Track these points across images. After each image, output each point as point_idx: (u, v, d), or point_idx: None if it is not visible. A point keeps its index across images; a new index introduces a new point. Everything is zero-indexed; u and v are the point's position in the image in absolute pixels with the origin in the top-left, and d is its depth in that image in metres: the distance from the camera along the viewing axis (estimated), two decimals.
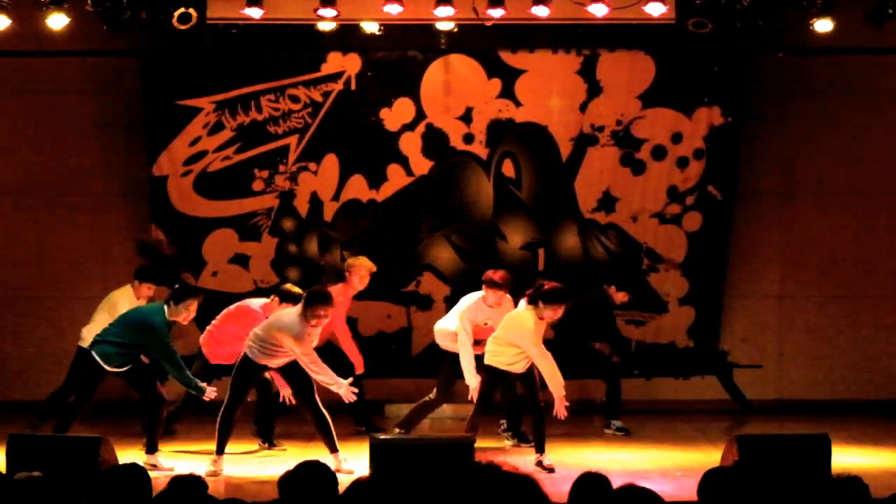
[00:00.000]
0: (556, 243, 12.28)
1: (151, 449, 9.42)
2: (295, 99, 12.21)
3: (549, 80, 12.22)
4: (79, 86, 12.41)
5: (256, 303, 10.25)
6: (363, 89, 12.19)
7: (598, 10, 10.76)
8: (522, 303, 9.58)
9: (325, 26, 11.37)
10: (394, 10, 10.85)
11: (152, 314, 9.45)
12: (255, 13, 10.81)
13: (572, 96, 12.21)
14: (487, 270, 10.39)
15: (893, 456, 9.96)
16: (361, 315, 12.06)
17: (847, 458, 9.31)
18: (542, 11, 10.83)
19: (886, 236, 12.54)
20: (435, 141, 12.24)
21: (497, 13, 10.76)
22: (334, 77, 12.22)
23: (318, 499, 5.03)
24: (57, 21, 10.95)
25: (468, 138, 12.26)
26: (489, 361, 9.59)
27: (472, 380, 9.92)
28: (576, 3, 10.82)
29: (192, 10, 11.01)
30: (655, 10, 10.84)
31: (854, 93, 12.48)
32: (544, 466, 9.35)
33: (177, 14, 11.00)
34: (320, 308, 9.01)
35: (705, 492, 5.24)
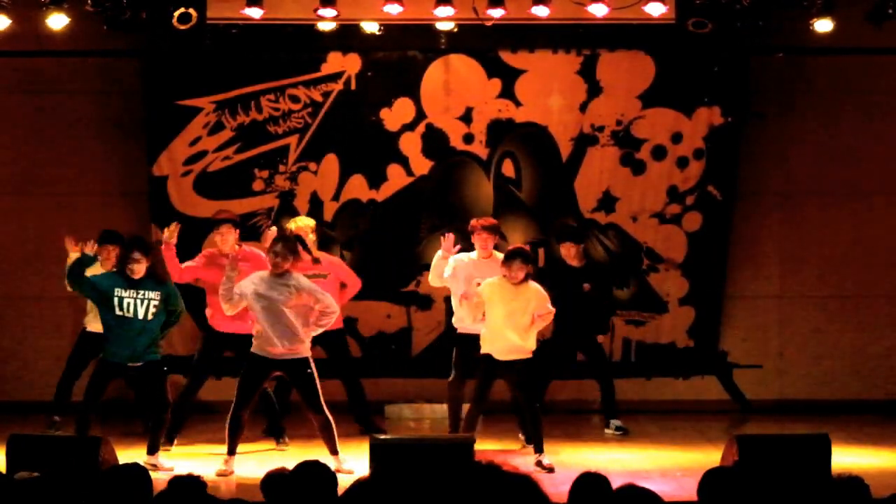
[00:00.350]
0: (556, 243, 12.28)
1: (153, 450, 9.40)
2: (295, 99, 12.22)
3: (549, 80, 12.22)
4: (79, 86, 12.40)
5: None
6: (363, 89, 12.20)
7: (598, 10, 10.77)
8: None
9: (325, 26, 11.38)
10: (394, 10, 10.85)
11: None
12: (255, 13, 10.81)
13: (572, 96, 12.21)
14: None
15: (893, 456, 9.95)
16: (361, 315, 12.07)
17: (847, 458, 9.31)
18: (542, 11, 10.84)
19: (886, 236, 12.54)
20: (435, 141, 12.25)
21: (497, 13, 10.77)
22: (334, 77, 12.22)
23: (318, 499, 5.04)
24: (57, 21, 10.95)
25: (468, 138, 12.26)
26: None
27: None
28: (576, 3, 10.83)
29: (192, 10, 11.01)
30: (655, 10, 10.85)
31: (854, 93, 12.48)
32: (544, 466, 9.33)
33: (177, 14, 11.00)
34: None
35: (705, 492, 5.25)
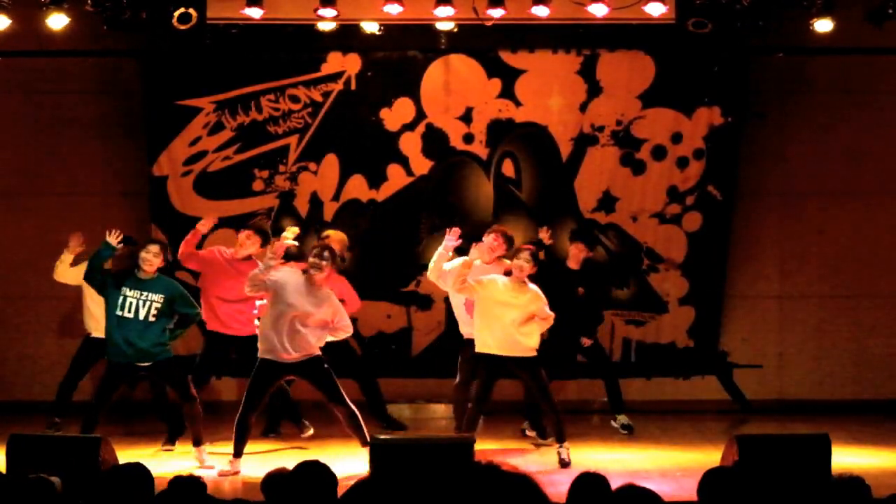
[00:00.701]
0: (556, 243, 12.26)
1: (197, 442, 9.46)
2: (295, 99, 12.22)
3: (549, 80, 12.22)
4: (79, 86, 12.41)
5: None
6: (363, 89, 12.20)
7: (598, 10, 10.76)
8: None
9: (325, 26, 11.37)
10: (394, 10, 10.85)
11: None
12: (255, 13, 10.81)
13: (572, 96, 12.21)
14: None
15: (893, 456, 9.95)
16: (361, 315, 12.05)
17: (847, 458, 9.31)
18: (542, 11, 10.84)
19: (886, 236, 12.54)
20: (435, 141, 12.25)
21: (497, 13, 10.76)
22: (334, 77, 12.22)
23: (318, 499, 5.04)
24: (57, 21, 10.95)
25: (468, 138, 12.27)
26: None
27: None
28: (576, 3, 10.83)
29: (192, 10, 11.01)
30: (655, 10, 10.84)
31: (854, 93, 12.48)
32: (562, 459, 9.44)
33: (177, 14, 11.00)
34: None
35: (705, 492, 5.25)
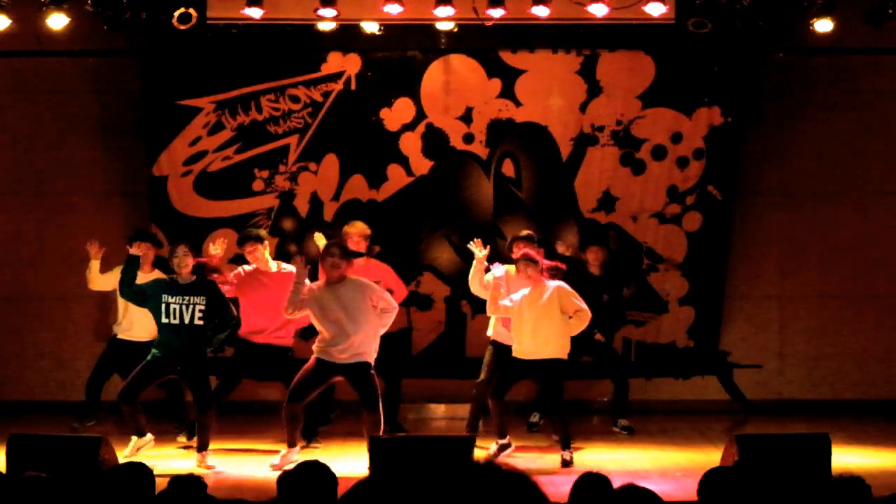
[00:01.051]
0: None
1: (201, 448, 9.47)
2: (295, 99, 12.22)
3: (549, 80, 12.22)
4: (79, 86, 12.41)
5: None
6: (363, 89, 12.20)
7: (598, 10, 10.77)
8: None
9: (325, 26, 11.38)
10: (394, 10, 10.85)
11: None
12: (255, 13, 10.81)
13: (572, 96, 12.21)
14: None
15: (893, 456, 9.95)
16: None
17: (847, 458, 9.31)
18: (542, 11, 10.84)
19: (886, 236, 12.54)
20: (435, 141, 12.24)
21: (497, 13, 10.76)
22: (334, 77, 12.22)
23: (318, 499, 5.04)
24: (57, 21, 10.95)
25: (468, 138, 12.26)
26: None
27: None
28: (576, 3, 10.83)
29: (192, 10, 11.01)
30: (655, 10, 10.85)
31: (854, 93, 12.48)
32: (565, 460, 9.48)
33: (177, 14, 11.01)
34: None
35: (705, 492, 5.25)
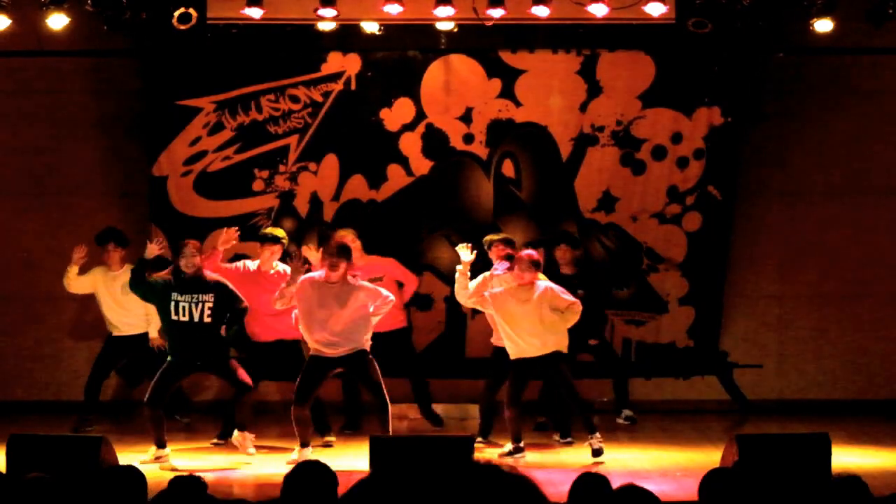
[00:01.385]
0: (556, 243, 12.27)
1: (241, 427, 9.67)
2: (295, 99, 12.21)
3: (549, 80, 12.21)
4: (79, 86, 12.40)
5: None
6: (363, 89, 12.19)
7: (598, 10, 10.76)
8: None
9: (325, 26, 11.38)
10: (394, 10, 10.85)
11: None
12: (255, 13, 10.81)
13: (572, 96, 12.20)
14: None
15: (893, 456, 9.95)
16: None
17: (847, 457, 9.31)
18: (542, 11, 10.84)
19: (886, 236, 12.53)
20: (435, 141, 12.24)
21: (497, 13, 10.76)
22: (334, 77, 12.22)
23: (318, 499, 5.04)
24: (57, 21, 10.94)
25: (468, 138, 12.26)
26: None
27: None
28: (576, 3, 10.83)
29: (192, 10, 11.01)
30: (655, 10, 10.84)
31: (854, 93, 12.47)
32: (594, 449, 9.73)
33: (177, 14, 11.00)
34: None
35: (705, 492, 5.24)
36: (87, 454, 7.90)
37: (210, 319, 9.51)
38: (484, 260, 10.50)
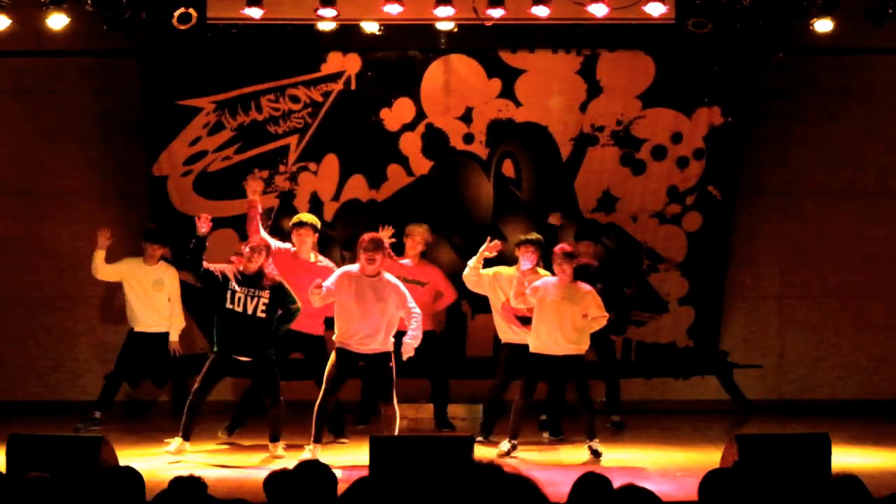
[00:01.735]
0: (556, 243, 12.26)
1: (274, 439, 9.81)
2: (295, 99, 12.22)
3: (549, 80, 12.22)
4: (79, 86, 12.40)
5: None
6: (363, 89, 12.20)
7: (598, 10, 10.76)
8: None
9: (325, 26, 11.37)
10: (394, 10, 10.85)
11: None
12: (255, 13, 10.81)
13: (572, 96, 12.21)
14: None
15: (893, 456, 9.95)
16: None
17: (847, 457, 9.31)
18: (542, 11, 10.83)
19: (886, 236, 12.54)
20: (435, 141, 12.25)
21: (497, 13, 10.76)
22: (334, 77, 12.22)
23: (318, 498, 5.04)
24: (57, 21, 10.94)
25: (468, 138, 12.26)
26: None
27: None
28: (576, 3, 10.82)
29: (192, 10, 11.00)
30: (655, 10, 10.84)
31: (854, 93, 12.48)
32: (594, 451, 9.79)
33: (177, 14, 11.00)
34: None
35: (705, 492, 5.24)
36: (86, 454, 7.89)
37: (264, 315, 9.70)
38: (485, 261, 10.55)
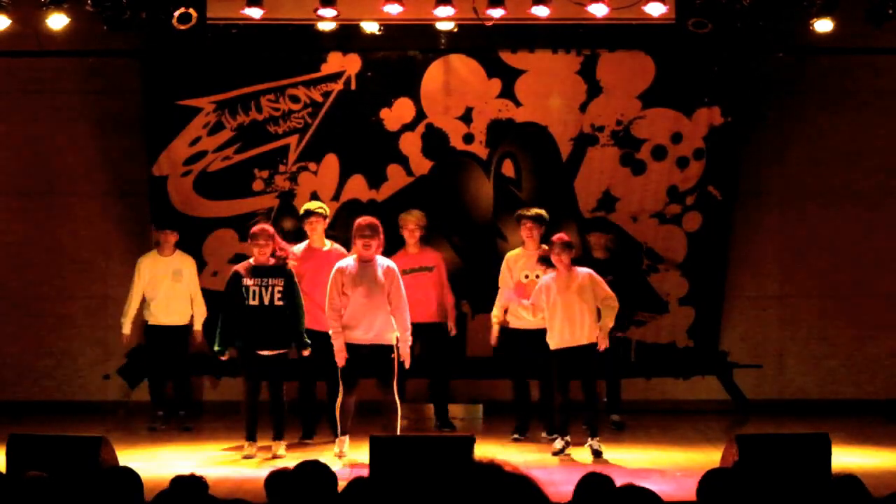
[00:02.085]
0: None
1: (278, 437, 9.86)
2: (295, 99, 12.22)
3: (549, 80, 12.22)
4: (79, 86, 12.41)
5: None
6: (363, 89, 12.20)
7: (598, 10, 10.76)
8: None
9: (325, 26, 11.37)
10: (394, 10, 10.85)
11: None
12: (255, 13, 10.81)
13: (572, 96, 12.21)
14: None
15: (893, 456, 9.95)
16: None
17: (847, 457, 9.31)
18: (542, 11, 10.83)
19: (886, 236, 12.54)
20: (435, 141, 12.24)
21: (497, 13, 10.76)
22: (334, 77, 12.22)
23: (318, 498, 5.04)
24: (57, 21, 10.94)
25: (468, 138, 12.26)
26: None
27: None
28: (576, 3, 10.83)
29: (192, 10, 11.00)
30: (655, 10, 10.84)
31: (854, 93, 12.48)
32: (595, 450, 9.81)
33: (177, 14, 11.00)
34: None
35: (705, 492, 5.24)
36: (86, 454, 7.89)
37: (281, 303, 9.70)
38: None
